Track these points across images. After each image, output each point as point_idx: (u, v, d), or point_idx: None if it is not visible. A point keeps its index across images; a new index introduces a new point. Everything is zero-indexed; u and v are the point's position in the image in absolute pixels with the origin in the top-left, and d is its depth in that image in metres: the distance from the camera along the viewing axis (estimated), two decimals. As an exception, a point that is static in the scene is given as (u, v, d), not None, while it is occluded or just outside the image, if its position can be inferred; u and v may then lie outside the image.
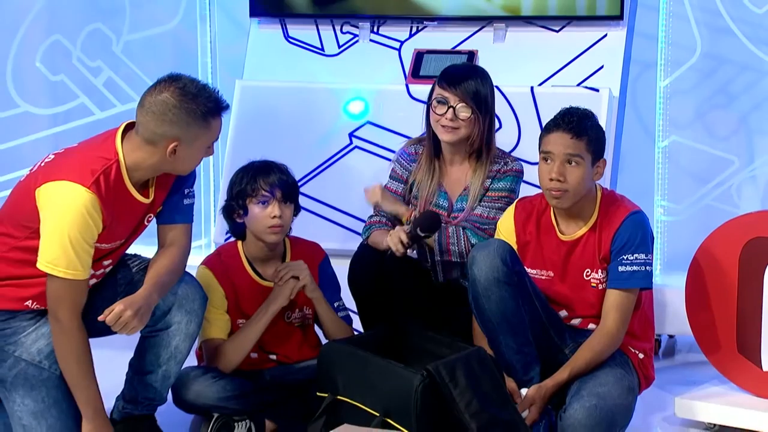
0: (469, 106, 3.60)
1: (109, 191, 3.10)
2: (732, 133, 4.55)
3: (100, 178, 3.09)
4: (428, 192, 3.69)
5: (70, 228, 3.05)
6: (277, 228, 3.51)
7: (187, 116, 3.11)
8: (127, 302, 3.10)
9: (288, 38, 4.62)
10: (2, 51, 5.07)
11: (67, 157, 3.18)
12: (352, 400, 3.29)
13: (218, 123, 3.19)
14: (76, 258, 3.07)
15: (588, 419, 3.24)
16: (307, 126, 4.43)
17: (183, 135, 3.12)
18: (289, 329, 3.61)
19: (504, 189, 3.65)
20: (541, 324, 3.44)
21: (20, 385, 3.20)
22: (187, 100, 3.11)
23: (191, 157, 3.19)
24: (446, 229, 3.60)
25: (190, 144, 3.14)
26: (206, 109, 3.13)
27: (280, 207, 3.50)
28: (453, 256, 3.59)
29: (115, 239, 3.20)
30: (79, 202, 3.06)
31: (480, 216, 3.64)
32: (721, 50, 4.51)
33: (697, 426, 3.61)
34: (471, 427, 3.09)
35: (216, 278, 3.54)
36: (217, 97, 3.17)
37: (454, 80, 3.61)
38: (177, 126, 3.11)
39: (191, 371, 3.46)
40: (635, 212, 3.44)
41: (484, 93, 3.63)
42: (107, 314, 3.08)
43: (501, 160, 3.67)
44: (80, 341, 3.13)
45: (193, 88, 3.13)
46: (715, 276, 3.67)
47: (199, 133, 3.14)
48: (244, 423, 3.46)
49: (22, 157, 5.04)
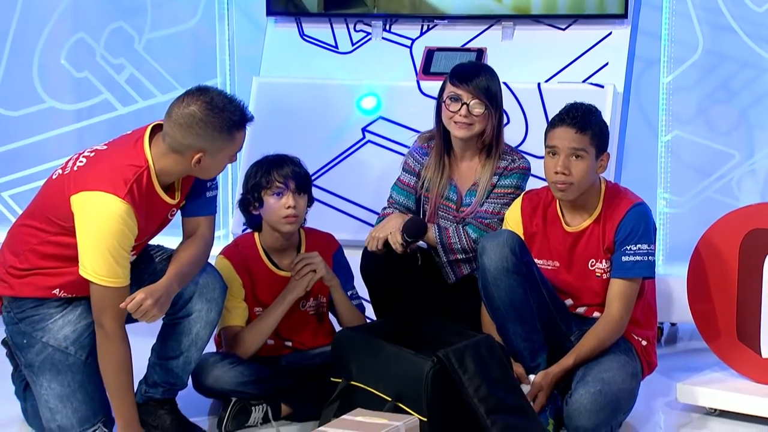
0: (482, 102, 3.60)
1: (141, 198, 3.12)
2: (732, 128, 4.53)
3: (133, 187, 3.10)
4: (438, 188, 3.70)
5: (108, 238, 3.06)
6: (291, 218, 3.52)
7: (213, 130, 3.12)
8: (147, 291, 3.12)
9: (303, 36, 4.63)
10: (29, 49, 5.08)
11: (98, 163, 3.17)
12: (365, 386, 3.30)
13: (242, 135, 3.19)
14: (116, 265, 3.08)
15: (593, 404, 3.25)
16: (322, 121, 4.43)
17: (208, 147, 3.13)
18: (304, 317, 3.63)
19: (510, 186, 3.65)
20: (548, 312, 3.44)
21: (47, 370, 3.23)
22: (213, 114, 3.11)
23: (215, 167, 3.20)
24: (446, 229, 3.61)
25: (214, 155, 3.15)
26: (231, 123, 3.13)
27: (294, 198, 3.52)
28: (457, 252, 3.60)
29: (143, 237, 3.22)
30: (115, 212, 3.06)
31: (486, 212, 3.64)
32: (722, 47, 4.49)
33: (698, 411, 3.62)
34: (480, 411, 3.10)
35: (234, 268, 3.56)
36: (242, 110, 3.17)
37: (466, 77, 3.62)
38: (202, 139, 3.12)
39: (210, 357, 3.48)
40: (638, 204, 3.45)
41: (494, 89, 3.64)
42: (128, 302, 3.10)
43: (509, 157, 3.67)
44: (122, 350, 3.14)
45: (219, 101, 3.13)
46: (716, 266, 3.67)
47: (224, 145, 3.15)
48: (261, 407, 3.48)
49: (48, 150, 5.06)
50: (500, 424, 3.09)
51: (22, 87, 5.09)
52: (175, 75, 4.99)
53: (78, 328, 3.24)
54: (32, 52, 5.07)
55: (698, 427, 3.52)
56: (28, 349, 3.26)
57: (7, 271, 3.27)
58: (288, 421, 3.51)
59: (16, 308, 3.27)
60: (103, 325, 3.12)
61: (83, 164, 3.18)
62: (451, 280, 3.64)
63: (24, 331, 3.26)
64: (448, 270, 3.63)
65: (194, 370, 3.42)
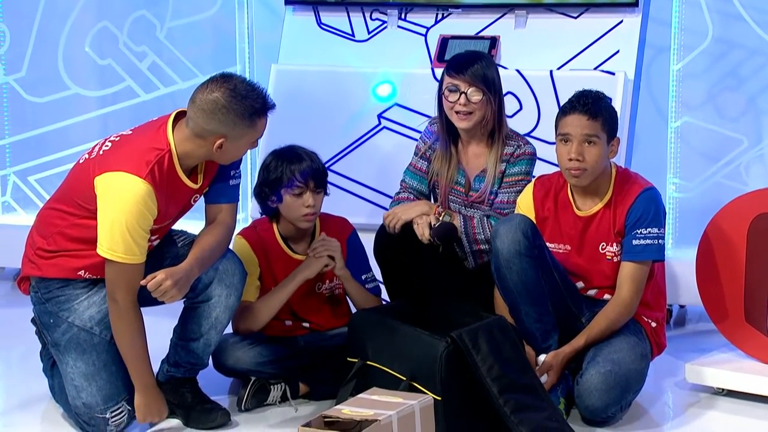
0: (479, 89, 3.57)
1: (162, 180, 3.12)
2: (741, 114, 4.51)
3: (155, 168, 3.11)
4: (448, 176, 3.68)
5: (128, 217, 3.08)
6: (310, 216, 3.51)
7: (235, 116, 3.12)
8: (168, 272, 3.13)
9: (320, 24, 4.62)
10: (54, 37, 5.08)
11: (123, 146, 3.19)
12: (380, 365, 3.31)
13: (263, 122, 3.19)
14: (134, 244, 3.10)
15: (603, 384, 3.25)
16: (338, 107, 4.42)
17: (230, 132, 3.13)
18: (321, 299, 3.63)
19: (520, 173, 3.63)
20: (560, 294, 3.44)
21: (72, 349, 3.24)
22: (236, 101, 3.11)
23: (236, 152, 3.21)
24: (471, 220, 3.59)
25: (235, 141, 3.15)
26: (253, 110, 3.13)
27: (313, 197, 3.50)
28: (481, 243, 3.59)
29: (165, 220, 3.23)
30: (136, 192, 3.08)
31: (502, 202, 3.63)
32: (731, 35, 4.46)
33: (706, 390, 3.61)
34: (492, 390, 3.10)
35: (251, 248, 3.55)
36: (264, 97, 3.17)
37: (461, 67, 3.60)
38: (224, 125, 3.12)
39: (230, 338, 3.48)
40: (648, 188, 3.44)
41: (491, 75, 3.61)
42: (149, 280, 3.11)
43: (514, 143, 3.64)
44: (135, 321, 3.17)
45: (242, 89, 3.13)
46: (724, 249, 3.65)
47: (246, 131, 3.15)
48: (279, 386, 3.49)
49: (73, 136, 5.06)
50: (512, 403, 3.09)
51: (48, 74, 5.10)
52: (196, 62, 4.99)
53: (103, 309, 3.25)
54: (57, 40, 5.08)
55: (706, 407, 3.51)
56: (55, 328, 3.27)
57: (35, 252, 3.29)
58: (306, 400, 3.52)
59: (44, 288, 3.29)
60: (117, 300, 3.14)
61: (108, 148, 3.20)
62: (471, 267, 3.63)
63: (51, 311, 3.28)
64: (470, 258, 3.61)
65: (215, 351, 3.43)
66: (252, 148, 3.27)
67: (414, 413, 2.86)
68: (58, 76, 5.09)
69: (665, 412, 3.52)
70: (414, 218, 3.57)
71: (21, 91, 5.12)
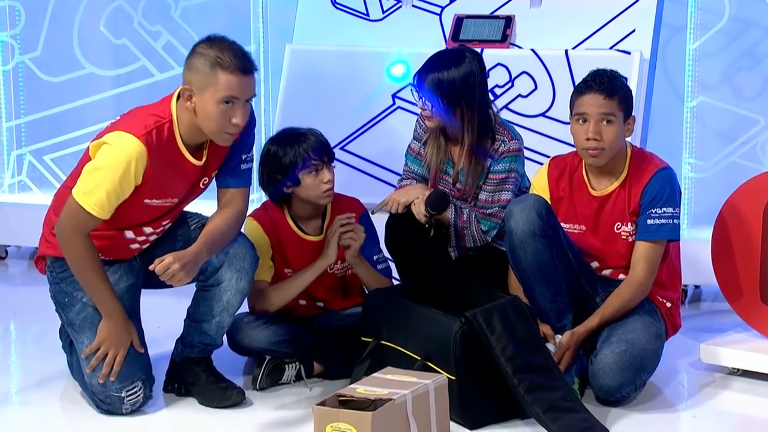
0: (433, 98, 3.51)
1: (160, 147, 3.10)
2: (757, 94, 4.48)
3: (153, 132, 3.09)
4: (436, 165, 3.66)
5: (111, 170, 3.06)
6: (330, 190, 3.50)
7: (198, 62, 3.08)
8: (176, 255, 3.11)
9: (335, 4, 4.59)
10: (69, 16, 5.08)
11: (124, 116, 3.19)
12: (395, 345, 3.30)
13: (228, 79, 3.06)
14: (105, 200, 3.08)
15: (617, 363, 3.24)
16: (352, 87, 4.41)
17: (194, 80, 3.08)
18: (335, 279, 3.62)
19: (503, 171, 3.58)
20: (574, 274, 3.42)
21: (87, 328, 3.24)
22: (205, 48, 3.08)
23: (205, 109, 3.09)
24: (461, 214, 3.57)
25: (200, 93, 3.08)
26: (218, 61, 3.05)
27: (330, 171, 3.49)
28: (468, 241, 3.58)
29: (166, 196, 3.20)
30: (127, 149, 3.06)
31: (485, 201, 3.61)
32: (748, 14, 4.43)
33: (720, 371, 3.60)
34: (506, 370, 3.09)
35: (263, 230, 3.54)
36: (235, 54, 3.07)
37: (420, 73, 3.56)
38: (191, 71, 3.09)
39: (245, 317, 3.48)
40: (664, 168, 3.41)
41: (451, 85, 3.51)
42: (157, 264, 3.10)
43: (500, 137, 3.59)
44: (82, 249, 3.12)
45: (219, 42, 3.09)
46: (739, 229, 3.63)
47: (208, 82, 3.07)
48: (294, 365, 3.49)
49: (88, 115, 5.06)
50: (526, 383, 3.08)
51: (63, 53, 5.10)
52: (211, 42, 4.96)
53: (116, 290, 3.25)
54: (72, 19, 5.07)
55: (721, 387, 3.50)
56: (70, 307, 3.28)
57: (51, 231, 3.28)
58: (320, 379, 3.53)
59: (58, 268, 3.29)
60: (64, 236, 3.13)
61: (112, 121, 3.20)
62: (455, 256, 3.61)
63: (65, 290, 3.28)
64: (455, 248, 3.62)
65: (230, 330, 3.44)
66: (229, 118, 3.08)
67: (428, 393, 2.86)
68: (73, 56, 5.09)
69: (680, 392, 3.51)
70: (412, 200, 3.56)
71: (36, 70, 5.12)
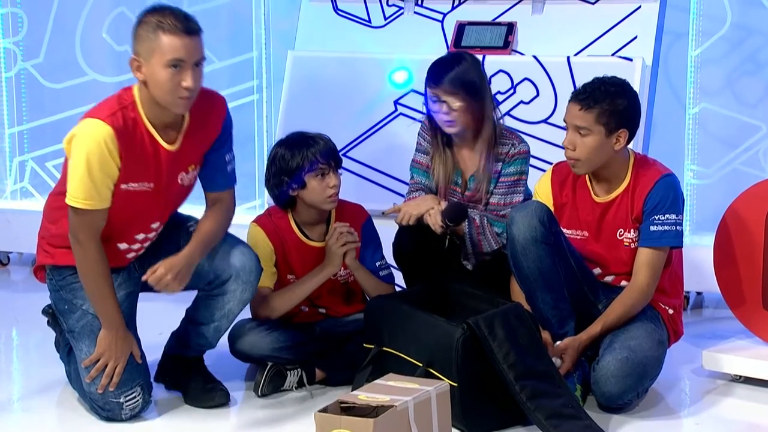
0: (458, 95, 3.52)
1: (127, 128, 3.09)
2: (759, 100, 4.47)
3: (118, 113, 3.09)
4: (445, 178, 3.65)
5: (88, 159, 3.05)
6: (335, 196, 3.50)
7: (142, 30, 3.08)
8: (167, 265, 3.13)
9: (337, 11, 4.60)
10: (71, 23, 5.08)
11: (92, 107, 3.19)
12: (397, 351, 3.30)
13: (172, 41, 3.04)
14: (93, 189, 3.07)
15: (620, 370, 3.23)
16: (355, 94, 4.41)
17: (140, 49, 3.08)
18: (337, 286, 3.62)
19: (515, 173, 3.60)
20: (576, 281, 3.42)
21: (86, 336, 3.24)
22: (148, 16, 3.08)
23: (155, 77, 3.07)
24: (474, 221, 3.57)
25: (148, 61, 3.07)
26: (159, 24, 3.05)
27: (336, 176, 3.49)
28: (484, 246, 3.57)
29: (141, 180, 3.17)
30: (96, 133, 3.05)
31: (497, 204, 3.60)
32: (750, 21, 4.43)
33: (723, 377, 3.59)
34: (508, 377, 3.08)
35: (266, 235, 3.54)
36: (176, 17, 3.07)
37: (438, 76, 3.55)
38: (137, 41, 3.09)
39: (247, 323, 3.48)
40: (667, 175, 3.41)
41: (470, 78, 3.54)
42: (149, 275, 3.12)
43: (509, 141, 3.61)
44: (97, 259, 3.14)
45: (161, 8, 3.09)
46: (742, 236, 3.62)
47: (153, 47, 3.06)
48: (295, 371, 3.48)
49: (90, 122, 5.06)
50: (529, 390, 3.07)
51: (65, 60, 5.10)
52: (212, 48, 4.96)
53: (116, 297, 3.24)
54: (75, 26, 5.08)
55: (723, 394, 3.49)
56: (69, 315, 3.28)
57: (49, 241, 3.30)
58: (322, 386, 3.52)
59: (58, 276, 3.30)
60: (79, 240, 3.13)
61: None
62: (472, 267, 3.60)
63: (65, 298, 3.28)
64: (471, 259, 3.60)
65: (231, 336, 3.45)
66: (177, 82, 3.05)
67: (430, 399, 2.85)
68: (75, 62, 5.09)
69: (682, 399, 3.50)
70: (424, 212, 3.55)
71: (39, 77, 5.13)
